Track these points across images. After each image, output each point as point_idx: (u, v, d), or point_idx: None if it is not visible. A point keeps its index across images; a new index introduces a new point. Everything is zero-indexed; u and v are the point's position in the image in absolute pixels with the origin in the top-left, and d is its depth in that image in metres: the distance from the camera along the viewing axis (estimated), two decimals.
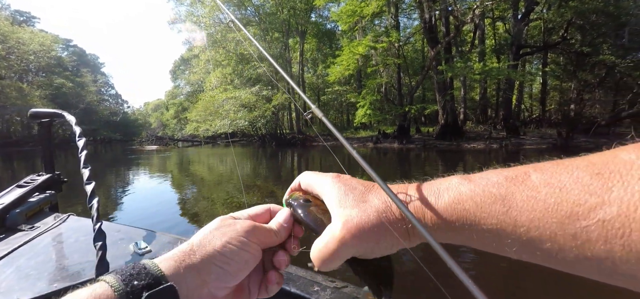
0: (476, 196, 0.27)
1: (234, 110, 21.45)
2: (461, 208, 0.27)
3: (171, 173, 10.56)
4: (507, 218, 0.25)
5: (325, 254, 0.32)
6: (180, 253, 0.32)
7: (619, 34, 14.03)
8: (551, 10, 16.81)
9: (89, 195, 0.74)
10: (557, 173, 0.24)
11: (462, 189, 0.28)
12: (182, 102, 42.48)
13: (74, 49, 43.25)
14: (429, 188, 0.31)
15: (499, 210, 0.25)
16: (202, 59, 26.98)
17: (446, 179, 0.31)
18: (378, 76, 19.58)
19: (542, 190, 0.23)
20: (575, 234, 0.21)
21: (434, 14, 15.87)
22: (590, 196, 0.21)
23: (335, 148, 18.17)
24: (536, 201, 0.23)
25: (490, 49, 20.27)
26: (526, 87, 23.39)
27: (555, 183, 0.23)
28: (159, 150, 24.11)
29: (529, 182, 0.24)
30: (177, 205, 5.74)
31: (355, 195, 0.33)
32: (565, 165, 0.24)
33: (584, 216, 0.21)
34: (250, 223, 0.36)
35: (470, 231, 0.27)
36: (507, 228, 0.25)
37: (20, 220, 0.99)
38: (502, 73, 14.84)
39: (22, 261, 0.76)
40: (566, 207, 0.22)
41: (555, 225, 0.22)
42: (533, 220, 0.23)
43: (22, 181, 1.13)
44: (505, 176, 0.26)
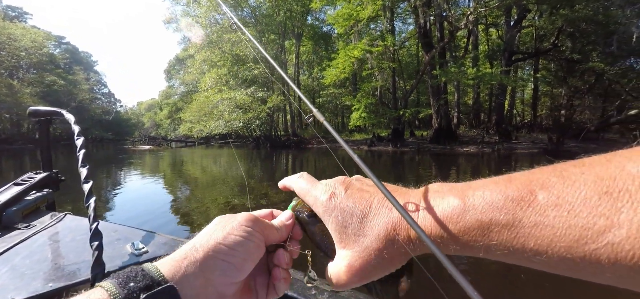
0: (482, 226, 0.26)
1: (228, 111, 21.36)
2: (468, 237, 0.27)
3: (164, 173, 10.47)
4: (513, 244, 0.24)
5: (335, 286, 0.34)
6: (181, 252, 0.31)
7: (607, 41, 14.35)
8: (543, 17, 17.13)
9: (86, 194, 0.74)
10: (564, 193, 0.23)
11: (468, 218, 0.27)
12: (176, 102, 42.16)
13: (67, 46, 42.67)
14: (426, 208, 0.30)
15: (507, 237, 0.25)
16: (197, 59, 26.84)
17: (447, 201, 0.29)
18: (373, 79, 19.70)
19: (550, 214, 0.23)
20: (583, 256, 0.21)
21: (429, 19, 16.05)
22: (598, 218, 0.21)
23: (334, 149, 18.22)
24: (544, 227, 0.23)
25: (483, 54, 20.56)
26: (518, 93, 23.74)
27: (563, 204, 0.22)
28: (151, 150, 23.86)
29: (536, 204, 0.24)
30: (169, 205, 5.70)
31: (353, 228, 0.32)
32: (572, 181, 0.23)
33: (593, 240, 0.21)
34: (251, 214, 0.36)
35: (477, 252, 0.27)
36: (515, 253, 0.25)
37: (16, 218, 0.98)
38: (495, 79, 15.06)
39: (17, 260, 0.76)
40: (575, 232, 0.21)
41: (564, 248, 0.22)
42: (541, 244, 0.23)
43: (19, 179, 1.12)
44: (510, 199, 0.25)
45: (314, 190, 0.37)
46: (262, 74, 23.00)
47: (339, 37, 23.06)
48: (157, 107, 51.23)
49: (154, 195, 6.77)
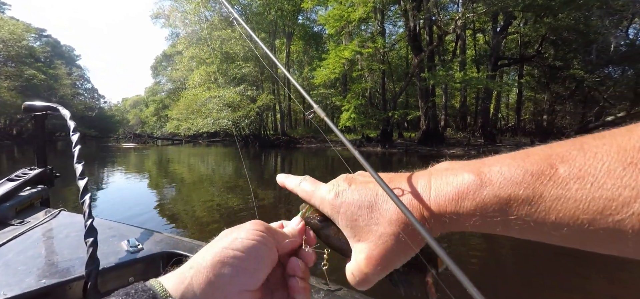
0: (500, 201, 0.25)
1: (217, 109, 21.08)
2: (484, 214, 0.26)
3: (149, 172, 10.24)
4: (534, 218, 0.24)
5: (357, 283, 0.32)
6: (189, 263, 0.30)
7: (587, 50, 14.90)
8: (527, 25, 17.65)
9: (82, 190, 0.73)
10: (586, 165, 0.22)
11: (485, 194, 0.26)
12: (162, 99, 41.28)
13: (48, 40, 41.16)
14: (445, 190, 0.29)
15: (526, 212, 0.24)
16: (185, 56, 26.37)
17: (458, 174, 0.28)
18: (363, 81, 19.84)
19: (573, 187, 0.22)
20: (606, 228, 0.21)
21: (419, 22, 16.28)
22: (624, 189, 0.20)
23: (320, 150, 18.17)
24: (566, 200, 0.22)
25: (470, 59, 21.00)
26: (503, 97, 24.36)
27: (585, 176, 0.22)
28: (136, 148, 23.30)
29: (557, 177, 0.23)
30: (153, 205, 5.57)
31: (364, 221, 0.31)
32: (593, 152, 0.22)
33: (618, 211, 0.20)
34: (262, 222, 0.34)
35: (494, 228, 0.26)
36: (534, 228, 0.24)
37: (10, 214, 0.97)
38: (481, 83, 15.41)
39: (10, 256, 0.74)
40: (599, 204, 0.21)
41: (587, 222, 0.22)
42: (562, 218, 0.22)
43: (13, 175, 1.11)
44: (530, 173, 0.24)
45: (318, 191, 0.36)
46: (251, 73, 22.80)
47: (329, 37, 23.10)
48: (143, 104, 50.06)
49: (137, 195, 6.60)
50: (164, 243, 0.86)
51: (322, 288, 0.72)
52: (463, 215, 0.27)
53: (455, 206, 0.27)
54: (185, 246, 0.86)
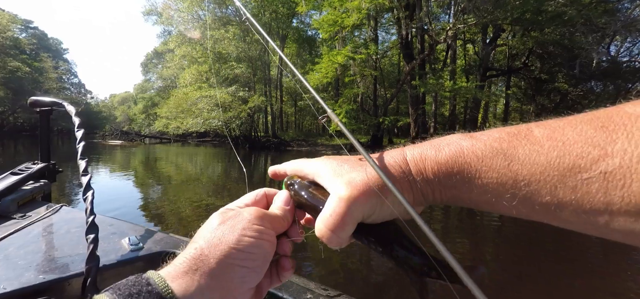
0: (477, 150, 0.26)
1: (207, 109, 20.86)
2: (462, 161, 0.27)
3: (135, 170, 10.04)
4: (508, 171, 0.24)
5: (334, 222, 0.29)
6: (189, 261, 0.28)
7: (571, 64, 15.42)
8: (515, 37, 18.15)
9: (85, 186, 0.73)
10: (560, 128, 0.23)
11: (464, 143, 0.28)
12: (152, 96, 40.58)
13: (34, 31, 40.04)
14: (429, 144, 0.30)
15: (501, 163, 0.25)
16: (177, 54, 26.04)
17: (447, 136, 0.30)
18: (355, 86, 19.99)
19: (545, 144, 0.23)
20: (575, 186, 0.21)
21: (411, 31, 16.54)
22: (593, 148, 0.21)
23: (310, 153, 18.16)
24: (538, 154, 0.23)
25: (460, 68, 21.44)
26: (491, 107, 24.92)
27: (558, 136, 0.23)
28: (123, 145, 22.81)
29: (532, 137, 0.24)
30: (138, 203, 5.47)
31: (350, 164, 0.32)
32: (568, 120, 0.24)
33: (586, 169, 0.21)
34: (258, 209, 0.33)
35: (470, 186, 0.27)
36: (507, 182, 0.24)
37: (11, 208, 0.97)
38: (470, 92, 15.74)
39: (11, 250, 0.74)
40: (569, 160, 0.22)
41: (557, 177, 0.22)
42: (534, 173, 0.23)
43: (17, 169, 1.10)
44: (507, 132, 0.26)
45: (307, 160, 0.37)
46: (244, 74, 22.68)
47: (323, 42, 23.23)
48: (132, 101, 49.09)
49: (122, 193, 6.47)
50: (165, 242, 0.86)
51: (321, 294, 0.72)
52: (442, 163, 0.28)
53: (436, 154, 0.28)
54: (186, 246, 0.85)
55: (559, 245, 3.66)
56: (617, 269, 3.14)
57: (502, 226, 4.42)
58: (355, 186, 0.29)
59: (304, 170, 0.36)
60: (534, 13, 12.85)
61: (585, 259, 3.38)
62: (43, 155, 1.20)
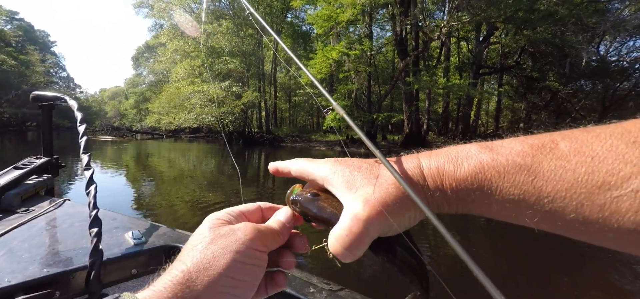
0: (499, 166, 0.25)
1: (200, 104, 20.63)
2: (482, 177, 0.25)
3: (127, 166, 9.90)
4: (531, 188, 0.23)
5: (351, 242, 0.28)
6: (174, 286, 0.25)
7: (561, 63, 15.67)
8: (508, 36, 18.34)
9: (88, 180, 0.73)
10: (588, 142, 0.22)
11: (484, 158, 0.26)
12: (143, 91, 39.97)
13: (20, 23, 38.98)
14: (446, 156, 0.28)
15: (524, 180, 0.23)
16: (169, 48, 25.64)
17: (464, 146, 0.28)
18: (349, 82, 19.98)
19: (573, 159, 0.22)
20: (603, 204, 0.20)
21: (405, 27, 16.57)
22: (624, 165, 0.20)
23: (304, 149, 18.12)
24: (565, 171, 0.22)
25: (454, 66, 21.59)
26: (484, 104, 25.19)
27: (586, 151, 0.21)
28: (114, 141, 22.46)
29: (558, 151, 0.23)
30: (130, 201, 5.40)
31: (363, 173, 0.30)
32: (596, 132, 0.22)
33: (616, 186, 0.20)
34: (252, 227, 0.31)
35: (489, 201, 0.25)
36: (530, 199, 0.23)
37: (15, 202, 0.97)
38: (463, 90, 15.88)
39: (15, 243, 0.74)
40: (598, 177, 0.20)
41: (584, 195, 0.21)
42: (560, 190, 0.22)
43: (20, 163, 1.11)
44: (530, 145, 0.24)
45: (314, 162, 0.34)
46: (237, 68, 22.47)
47: (318, 37, 23.13)
48: (123, 96, 48.32)
49: (113, 189, 6.37)
50: (167, 237, 0.87)
51: (324, 288, 0.72)
52: (460, 180, 0.26)
53: (454, 170, 0.27)
54: (187, 241, 0.85)
55: (555, 241, 3.74)
56: (609, 263, 3.21)
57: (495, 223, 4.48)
58: (373, 205, 0.28)
59: (313, 174, 0.34)
60: (526, 11, 12.99)
61: (577, 252, 3.45)
62: (46, 150, 1.21)
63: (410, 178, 0.29)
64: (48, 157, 1.20)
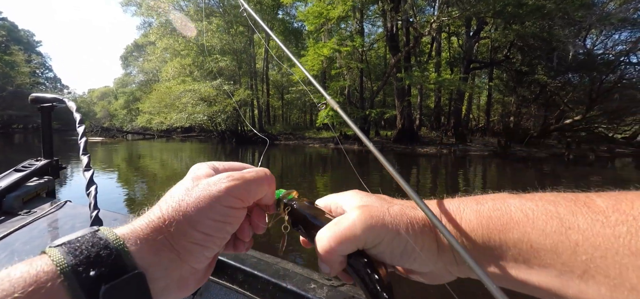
0: (527, 209, 0.22)
1: (192, 104, 20.41)
2: (507, 218, 0.23)
3: (118, 167, 9.76)
4: (565, 238, 0.20)
5: (337, 235, 0.28)
6: (149, 227, 0.26)
7: (549, 57, 15.94)
8: (498, 30, 18.57)
9: (88, 181, 0.74)
10: (627, 201, 0.20)
11: (510, 200, 0.24)
12: (133, 91, 39.34)
13: (3, 23, 37.91)
14: (469, 197, 0.28)
15: (556, 228, 0.21)
16: (159, 47, 25.26)
17: (489, 196, 0.26)
18: (341, 79, 20.00)
19: (612, 216, 0.19)
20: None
21: (396, 23, 16.63)
22: None
23: (298, 146, 18.11)
24: (603, 226, 0.19)
25: (445, 61, 21.78)
26: (475, 99, 25.50)
27: (627, 210, 0.19)
28: (104, 142, 22.10)
29: (594, 206, 0.20)
30: (123, 202, 5.34)
31: (378, 198, 0.32)
32: (637, 194, 0.20)
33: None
34: (230, 181, 0.29)
35: (516, 251, 0.22)
36: (564, 252, 0.20)
37: (16, 204, 0.98)
38: (454, 84, 16.05)
39: (17, 245, 0.75)
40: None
41: (627, 257, 0.18)
42: (598, 247, 0.19)
43: (20, 166, 1.11)
44: (563, 197, 0.22)
45: (339, 194, 0.35)
46: (229, 67, 22.28)
47: (309, 34, 23.06)
48: (112, 96, 47.46)
49: (104, 192, 6.28)
50: None
51: (325, 284, 0.72)
52: (483, 216, 0.25)
53: (477, 205, 0.26)
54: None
55: None
56: None
57: None
58: (369, 210, 0.28)
59: (335, 203, 0.34)
60: (514, 6, 13.17)
61: None
62: (46, 152, 1.21)
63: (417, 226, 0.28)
64: (48, 159, 1.20)
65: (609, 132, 16.13)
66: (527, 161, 11.84)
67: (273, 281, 0.74)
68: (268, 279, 0.74)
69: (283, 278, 0.73)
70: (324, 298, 0.69)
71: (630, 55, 14.93)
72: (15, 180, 1.02)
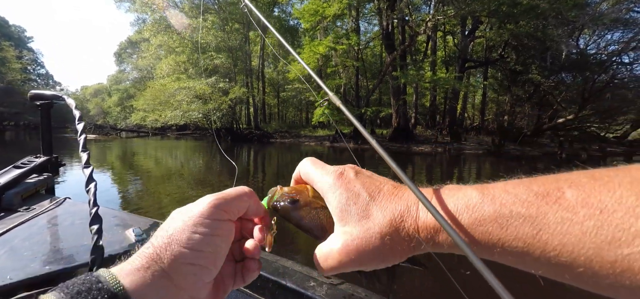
0: (501, 218, 0.24)
1: (186, 101, 20.26)
2: (483, 230, 0.24)
3: (112, 165, 9.66)
4: (536, 241, 0.22)
5: (326, 267, 0.31)
6: (142, 259, 0.27)
7: (543, 56, 16.09)
8: (492, 29, 18.69)
9: (87, 178, 0.73)
10: (595, 191, 0.21)
11: (485, 209, 0.25)
12: (127, 88, 38.91)
13: None
14: (447, 206, 0.27)
15: (528, 232, 0.22)
16: (153, 44, 25.00)
17: (464, 194, 0.27)
18: (337, 77, 19.99)
19: (580, 212, 0.21)
20: (614, 261, 0.19)
21: (392, 22, 16.65)
22: (636, 220, 0.19)
23: (293, 144, 18.09)
24: (572, 223, 0.21)
25: (440, 60, 21.88)
26: (470, 97, 25.68)
27: (594, 203, 0.20)
28: (97, 139, 21.85)
29: (564, 201, 0.22)
30: (118, 201, 5.29)
31: (358, 208, 0.30)
32: (604, 181, 0.21)
33: (627, 243, 0.19)
34: (211, 198, 0.31)
35: (490, 253, 0.25)
36: (534, 252, 0.22)
37: (15, 200, 0.97)
38: (448, 83, 16.14)
39: (16, 241, 0.75)
40: (607, 232, 0.19)
41: (592, 250, 0.20)
42: (566, 244, 0.21)
43: (19, 162, 1.11)
44: (534, 193, 0.23)
45: (321, 168, 0.35)
46: (224, 64, 22.13)
47: (305, 32, 23.01)
48: (106, 93, 46.92)
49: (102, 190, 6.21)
50: None
51: (324, 282, 0.74)
52: (461, 229, 0.26)
53: (452, 220, 0.26)
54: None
55: None
56: None
57: None
58: (348, 252, 0.29)
59: (315, 184, 0.34)
60: (509, 5, 13.26)
61: None
62: (45, 149, 1.21)
63: (401, 224, 0.28)
64: (48, 156, 1.20)
65: (601, 131, 16.36)
66: (521, 160, 11.96)
67: (273, 278, 0.74)
68: (268, 277, 0.75)
69: (283, 275, 0.74)
70: (324, 295, 0.69)
71: (622, 56, 15.12)
72: (14, 176, 1.02)
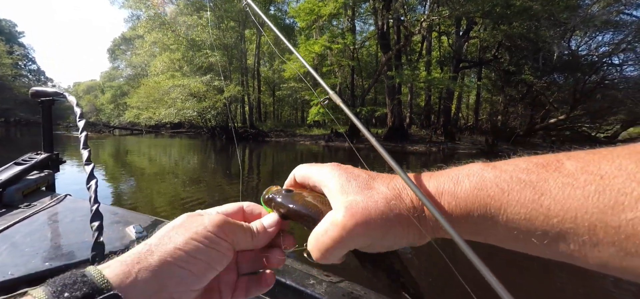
0: (502, 182, 0.24)
1: (181, 99, 20.11)
2: (484, 194, 0.24)
3: (105, 163, 9.57)
4: (538, 206, 0.22)
5: (325, 244, 0.28)
6: (134, 255, 0.27)
7: (536, 57, 16.30)
8: (486, 30, 18.88)
9: (88, 175, 0.74)
10: (594, 161, 0.21)
11: (486, 175, 0.25)
12: (121, 85, 38.45)
13: None
14: (447, 175, 0.28)
15: (529, 196, 0.22)
16: (147, 40, 24.73)
17: (466, 166, 0.27)
18: (332, 76, 20.01)
19: (580, 177, 0.21)
20: (618, 226, 0.19)
21: (387, 22, 16.72)
22: (638, 184, 0.18)
23: (288, 143, 18.08)
24: (573, 188, 0.20)
25: (435, 60, 22.02)
26: (464, 97, 25.89)
27: (594, 170, 0.20)
28: (90, 137, 21.55)
29: (564, 169, 0.22)
30: (110, 200, 5.25)
31: (359, 182, 0.30)
32: (602, 154, 0.21)
33: (631, 207, 0.18)
34: (221, 217, 0.31)
35: (494, 222, 0.24)
36: (537, 218, 0.22)
37: (17, 197, 0.98)
38: (443, 83, 16.27)
39: (17, 237, 0.75)
40: (609, 196, 0.19)
41: (596, 215, 0.19)
42: (569, 209, 0.20)
43: (20, 159, 1.11)
44: (535, 163, 0.23)
45: (317, 166, 0.35)
46: (219, 62, 22.00)
47: (301, 31, 22.97)
48: (99, 90, 46.31)
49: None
50: None
51: (324, 280, 0.73)
52: (461, 198, 0.25)
53: (454, 187, 0.26)
54: None
55: None
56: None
57: None
58: (353, 213, 0.27)
59: (313, 179, 0.34)
60: (502, 6, 13.41)
61: None
62: (46, 146, 1.21)
63: (403, 191, 0.28)
64: (48, 153, 1.20)
65: (592, 131, 16.65)
66: None
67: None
68: None
69: (282, 273, 0.73)
70: (323, 293, 0.69)
71: (613, 57, 15.41)
72: (15, 173, 1.02)
